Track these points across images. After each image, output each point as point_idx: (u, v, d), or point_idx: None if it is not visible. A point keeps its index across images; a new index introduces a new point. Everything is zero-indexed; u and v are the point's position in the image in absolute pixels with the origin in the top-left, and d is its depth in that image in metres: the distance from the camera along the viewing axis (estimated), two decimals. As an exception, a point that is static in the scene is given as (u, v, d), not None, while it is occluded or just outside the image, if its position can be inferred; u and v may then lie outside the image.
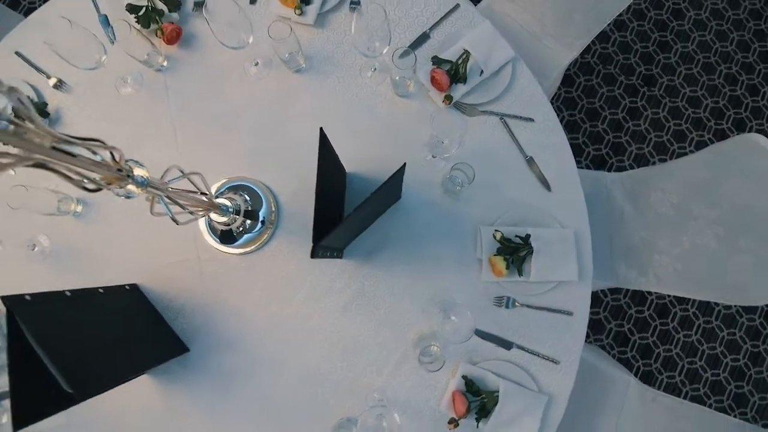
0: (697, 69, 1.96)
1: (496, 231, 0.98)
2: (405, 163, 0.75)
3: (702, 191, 1.06)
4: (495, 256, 0.98)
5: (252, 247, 1.03)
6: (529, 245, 0.98)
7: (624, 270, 1.27)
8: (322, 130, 0.75)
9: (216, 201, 0.89)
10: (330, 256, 0.89)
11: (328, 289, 1.02)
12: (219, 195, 1.00)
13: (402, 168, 0.74)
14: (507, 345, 1.00)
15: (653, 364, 1.82)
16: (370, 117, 1.09)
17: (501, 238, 0.97)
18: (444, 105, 1.04)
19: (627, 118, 1.94)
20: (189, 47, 1.13)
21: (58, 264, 1.07)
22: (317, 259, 1.01)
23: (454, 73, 1.02)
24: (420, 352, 0.92)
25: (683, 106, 1.94)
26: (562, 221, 1.04)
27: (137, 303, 1.00)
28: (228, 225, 0.98)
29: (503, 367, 0.98)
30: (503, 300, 1.00)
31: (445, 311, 0.89)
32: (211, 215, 0.90)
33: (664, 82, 1.96)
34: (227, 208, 0.93)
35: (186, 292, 1.04)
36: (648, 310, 1.84)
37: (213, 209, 0.86)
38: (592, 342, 1.83)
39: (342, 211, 1.01)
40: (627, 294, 1.85)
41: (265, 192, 1.04)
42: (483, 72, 1.04)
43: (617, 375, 1.29)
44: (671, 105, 1.94)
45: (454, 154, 0.97)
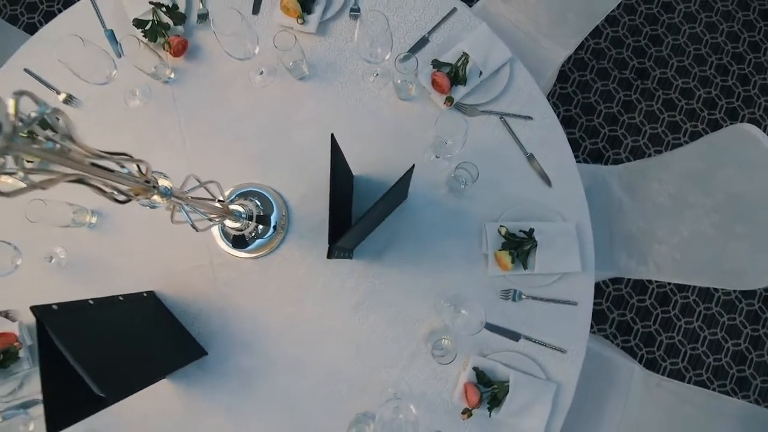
0: (689, 61, 2.00)
1: (501, 226, 1.01)
2: (414, 165, 0.78)
3: (697, 181, 1.10)
4: (500, 251, 1.01)
5: (264, 251, 1.06)
6: (533, 239, 1.01)
7: (625, 260, 1.30)
8: (333, 136, 0.78)
9: (230, 207, 0.92)
10: (342, 256, 0.92)
11: (339, 289, 1.06)
12: (230, 201, 1.03)
13: (411, 169, 0.77)
14: (515, 336, 1.03)
15: (656, 351, 1.86)
16: (373, 121, 1.12)
17: (506, 233, 1.01)
18: (445, 107, 1.08)
19: (622, 111, 1.98)
20: (195, 59, 1.16)
21: (75, 275, 1.10)
22: (328, 261, 1.04)
23: (454, 76, 1.06)
24: (432, 346, 0.95)
25: (676, 97, 1.98)
26: (563, 215, 1.07)
27: (155, 309, 1.03)
28: (241, 230, 1.01)
29: (512, 358, 1.01)
30: (510, 293, 1.04)
31: (455, 306, 0.92)
32: (226, 221, 0.93)
33: (656, 74, 2.00)
34: (240, 214, 0.96)
35: (201, 297, 1.07)
36: (649, 298, 1.88)
37: (227, 216, 0.89)
38: (595, 332, 1.87)
39: (350, 213, 1.04)
40: (628, 284, 1.89)
41: (275, 197, 1.07)
42: (482, 73, 1.07)
43: (622, 362, 1.32)
44: (665, 97, 1.98)
45: (457, 154, 1.00)
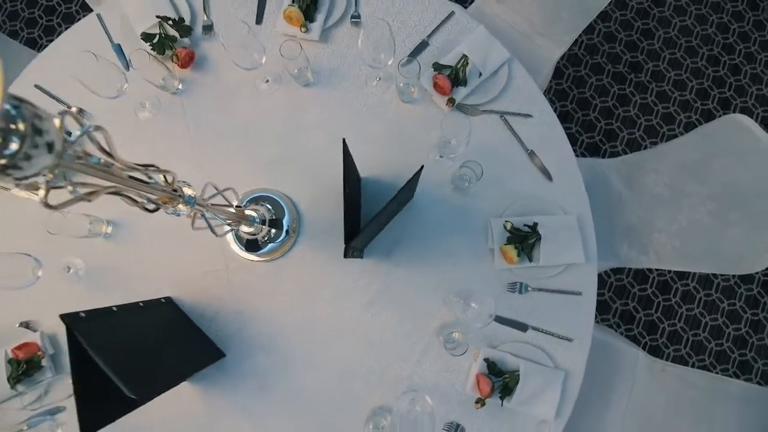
0: (681, 53, 2.04)
1: (506, 221, 1.05)
2: (423, 165, 0.81)
3: (693, 170, 1.13)
4: (506, 245, 1.05)
5: (277, 254, 1.09)
6: (537, 233, 1.04)
7: (625, 250, 1.34)
8: (344, 141, 0.81)
9: (245, 212, 0.95)
10: (354, 256, 0.96)
11: (351, 288, 1.09)
12: (244, 207, 1.06)
13: (420, 170, 0.81)
14: (523, 327, 1.06)
15: (659, 338, 1.90)
16: (378, 124, 1.15)
17: (511, 227, 1.04)
18: (447, 108, 1.11)
19: (617, 105, 2.02)
20: (201, 69, 1.19)
21: (93, 284, 1.13)
22: (339, 261, 1.08)
23: (454, 77, 1.09)
24: (444, 339, 0.98)
25: (669, 89, 2.02)
26: (565, 208, 1.11)
27: (174, 314, 1.06)
28: (254, 235, 1.04)
29: (521, 348, 1.05)
30: (516, 286, 1.07)
31: (465, 299, 0.96)
32: (241, 226, 0.96)
33: (649, 67, 2.04)
34: (254, 218, 0.99)
35: (217, 300, 1.10)
36: (650, 287, 1.92)
37: (243, 221, 0.92)
38: (599, 322, 1.91)
39: (359, 214, 1.08)
40: (629, 273, 1.93)
41: (286, 201, 1.10)
42: (481, 74, 1.11)
43: (626, 350, 1.36)
44: (658, 89, 2.02)
45: (461, 153, 1.04)
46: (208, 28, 1.19)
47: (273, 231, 1.06)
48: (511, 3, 1.46)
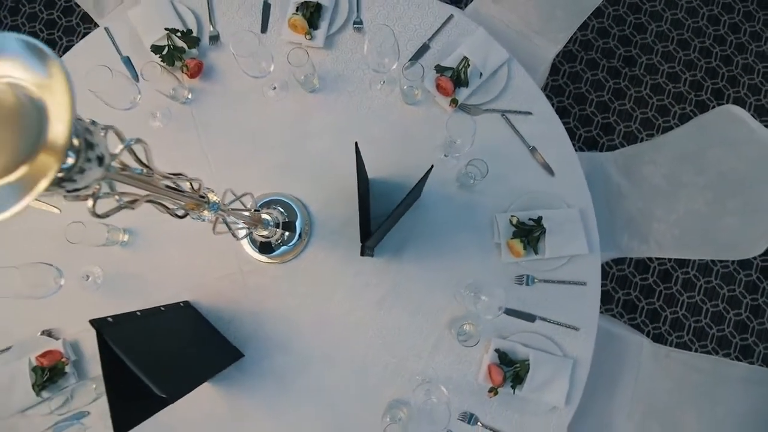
0: (673, 46, 2.08)
1: (512, 216, 1.08)
2: (432, 165, 0.85)
3: (689, 161, 1.17)
4: (512, 239, 1.08)
5: (290, 256, 1.13)
6: (542, 226, 1.08)
7: (626, 240, 1.37)
8: (357, 144, 0.85)
9: (261, 216, 0.98)
10: (368, 254, 0.99)
11: (364, 286, 1.12)
12: (258, 211, 1.10)
13: (430, 169, 0.84)
14: (531, 318, 1.10)
15: (662, 326, 1.94)
16: (383, 126, 1.19)
17: (517, 222, 1.08)
18: (450, 108, 1.15)
19: (612, 99, 2.06)
20: (210, 79, 1.22)
21: (112, 291, 1.16)
22: (351, 261, 1.11)
23: (456, 79, 1.13)
24: (456, 332, 1.02)
25: (663, 82, 2.06)
26: (567, 201, 1.14)
27: (192, 317, 1.09)
28: (268, 238, 1.08)
29: (530, 338, 1.08)
30: (523, 278, 1.11)
31: (476, 292, 0.99)
32: (256, 230, 1.00)
33: (643, 61, 2.08)
34: (269, 222, 1.03)
35: (234, 303, 1.14)
36: (651, 276, 1.96)
37: (258, 224, 0.95)
38: (603, 312, 1.94)
39: (369, 214, 1.11)
40: (630, 264, 1.97)
41: (297, 204, 1.13)
42: (482, 75, 1.15)
43: (631, 337, 1.40)
44: (652, 82, 2.06)
45: (466, 152, 1.07)
46: (214, 38, 1.23)
47: (286, 234, 1.09)
48: (507, 3, 1.50)
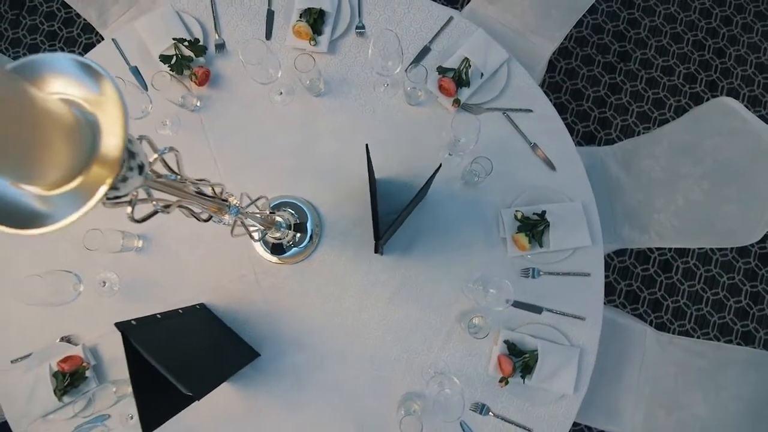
0: (666, 40, 2.12)
1: (516, 211, 1.12)
2: (441, 164, 0.88)
3: (686, 153, 1.21)
4: (517, 233, 1.12)
5: (302, 257, 1.16)
6: (546, 220, 1.11)
7: (627, 232, 1.41)
8: (367, 146, 0.88)
9: (275, 218, 1.01)
10: (380, 252, 1.02)
11: (374, 283, 1.15)
12: (272, 213, 1.13)
13: (438, 168, 0.87)
14: (538, 310, 1.13)
15: (664, 315, 1.97)
16: (388, 127, 1.22)
17: (521, 217, 1.11)
18: (453, 108, 1.18)
19: (609, 93, 2.10)
20: (217, 86, 1.25)
21: (128, 296, 1.19)
22: (361, 259, 1.15)
23: (458, 79, 1.16)
24: (467, 325, 1.05)
25: (658, 75, 2.10)
26: (569, 195, 1.18)
27: (209, 319, 1.12)
28: (280, 239, 1.11)
29: (538, 329, 1.12)
30: (529, 271, 1.14)
31: (484, 285, 1.03)
32: (269, 232, 1.03)
33: (637, 56, 2.12)
34: (281, 224, 1.06)
35: (248, 304, 1.17)
36: (652, 267, 2.00)
37: (272, 226, 0.98)
38: (606, 303, 1.97)
39: (377, 213, 1.14)
40: (631, 255, 2.00)
41: (307, 205, 1.16)
42: (483, 75, 1.18)
43: (635, 326, 1.43)
44: (647, 76, 2.10)
45: (470, 150, 1.10)
46: (220, 46, 1.25)
47: (298, 235, 1.12)
48: (503, 3, 1.53)
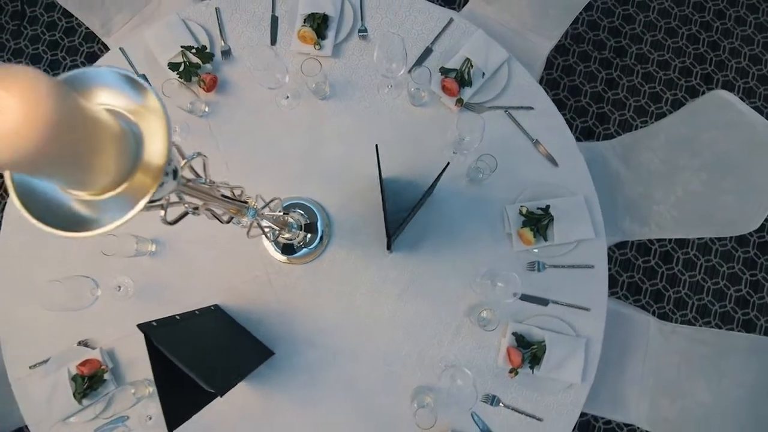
0: (661, 35, 2.15)
1: (521, 206, 1.15)
2: (448, 162, 0.91)
3: (684, 145, 1.24)
4: (522, 228, 1.15)
5: (312, 257, 1.18)
6: (549, 214, 1.14)
7: (628, 224, 1.44)
8: (377, 147, 0.90)
9: (288, 219, 1.04)
10: (391, 249, 1.05)
11: (384, 281, 1.18)
12: (285, 214, 1.15)
13: (445, 167, 0.90)
14: (544, 302, 1.16)
15: (666, 306, 2.01)
16: (392, 127, 1.25)
17: (526, 212, 1.14)
18: (456, 108, 1.21)
19: (606, 89, 2.13)
20: (224, 92, 1.28)
21: (143, 300, 1.21)
22: (370, 258, 1.17)
23: (461, 79, 1.19)
24: (477, 318, 1.08)
25: (654, 70, 2.13)
26: (571, 190, 1.21)
27: (224, 319, 1.15)
28: (291, 240, 1.13)
29: (545, 321, 1.15)
30: (534, 265, 1.17)
31: (492, 279, 1.05)
32: (282, 232, 1.05)
33: (633, 51, 2.15)
34: (293, 224, 1.08)
35: (261, 304, 1.19)
36: (653, 258, 2.03)
37: (284, 227, 1.01)
38: (609, 295, 2.01)
39: (386, 212, 1.17)
40: (632, 247, 2.04)
41: (316, 206, 1.19)
42: (485, 74, 1.21)
43: (638, 316, 1.46)
44: (643, 71, 2.13)
45: (475, 148, 1.13)
46: (226, 52, 1.28)
47: (308, 235, 1.15)
48: (501, 3, 1.56)
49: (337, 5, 1.25)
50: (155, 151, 0.39)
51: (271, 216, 0.90)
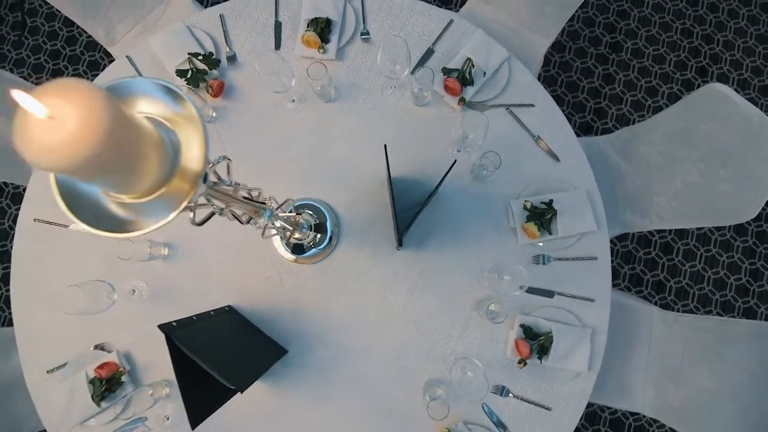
0: (656, 29, 2.19)
1: (525, 201, 1.18)
2: (455, 160, 0.94)
3: (682, 138, 1.27)
4: (526, 222, 1.18)
5: (322, 256, 1.21)
6: (553, 208, 1.17)
7: (629, 216, 1.47)
8: (385, 146, 0.93)
9: (299, 220, 1.07)
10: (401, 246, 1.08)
11: (393, 277, 1.21)
12: (297, 215, 1.18)
13: (452, 165, 0.93)
14: (550, 294, 1.19)
15: (668, 296, 2.04)
16: (396, 127, 1.27)
17: (530, 206, 1.17)
18: (459, 107, 1.24)
19: (603, 84, 2.16)
20: (231, 97, 1.30)
21: (157, 303, 1.24)
22: (380, 255, 1.20)
23: (463, 79, 1.22)
24: (486, 312, 1.11)
25: (650, 64, 2.17)
26: (573, 184, 1.23)
27: (237, 319, 1.18)
28: (301, 240, 1.16)
29: (551, 312, 1.17)
30: (539, 258, 1.20)
31: (499, 273, 1.08)
32: (293, 233, 1.08)
33: (628, 46, 2.18)
34: (304, 225, 1.11)
35: (274, 304, 1.22)
36: (654, 250, 2.06)
37: (296, 228, 1.04)
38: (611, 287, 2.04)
39: (395, 210, 1.20)
40: (633, 239, 2.07)
41: (325, 206, 1.22)
42: (486, 73, 1.24)
43: (641, 307, 1.49)
44: (639, 65, 2.17)
45: (479, 146, 1.16)
46: (231, 58, 1.31)
47: (318, 235, 1.18)
48: (498, 2, 1.59)
49: (340, 9, 1.28)
50: (192, 158, 0.42)
51: (284, 217, 0.93)
